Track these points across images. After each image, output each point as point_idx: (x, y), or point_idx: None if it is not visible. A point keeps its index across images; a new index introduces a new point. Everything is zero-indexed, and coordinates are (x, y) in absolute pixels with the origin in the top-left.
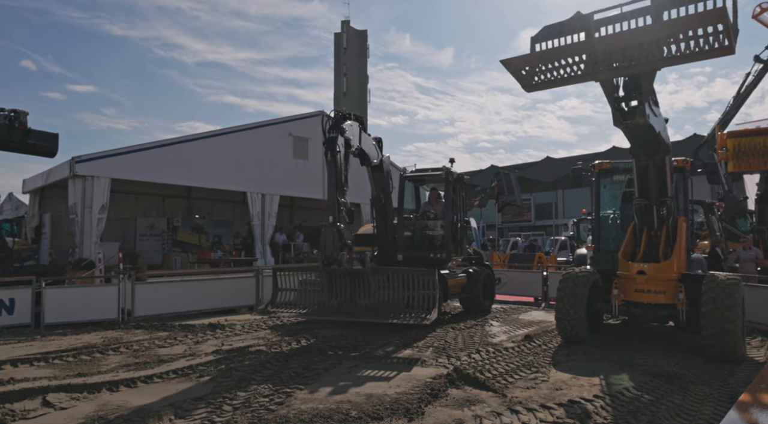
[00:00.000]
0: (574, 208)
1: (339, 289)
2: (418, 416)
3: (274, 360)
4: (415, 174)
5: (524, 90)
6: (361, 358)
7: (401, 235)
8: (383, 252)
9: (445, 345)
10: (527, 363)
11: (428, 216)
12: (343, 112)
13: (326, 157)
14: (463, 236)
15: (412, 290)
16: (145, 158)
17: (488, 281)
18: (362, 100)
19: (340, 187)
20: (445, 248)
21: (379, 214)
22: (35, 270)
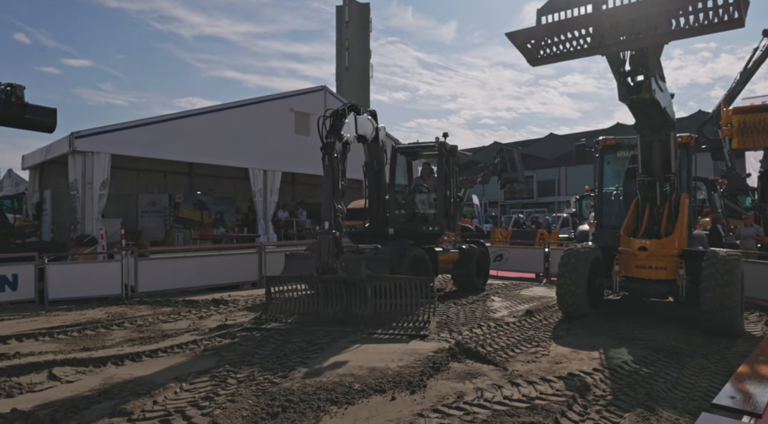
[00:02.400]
0: (576, 185)
1: (334, 298)
2: (421, 389)
3: (278, 335)
4: (407, 146)
5: (529, 64)
6: (364, 332)
7: (392, 209)
8: (374, 226)
9: (447, 320)
10: (528, 338)
11: (421, 190)
12: (338, 110)
13: (323, 161)
14: (456, 211)
15: (409, 298)
16: (145, 134)
17: (482, 260)
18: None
19: (337, 192)
20: (436, 223)
21: (371, 182)
22: (37, 246)
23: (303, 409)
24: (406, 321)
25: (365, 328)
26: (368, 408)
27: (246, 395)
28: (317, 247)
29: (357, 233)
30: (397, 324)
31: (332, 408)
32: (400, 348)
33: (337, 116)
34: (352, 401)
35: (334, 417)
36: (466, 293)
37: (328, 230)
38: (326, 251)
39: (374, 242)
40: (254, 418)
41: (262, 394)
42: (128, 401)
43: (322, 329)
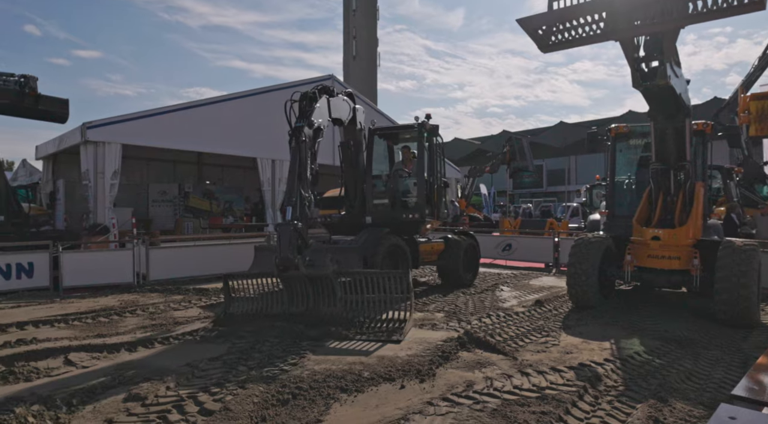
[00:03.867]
0: (586, 174)
1: (300, 296)
2: (430, 378)
3: (287, 322)
4: (384, 128)
5: (540, 50)
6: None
7: (370, 196)
8: (351, 215)
9: (455, 309)
10: (538, 327)
11: (401, 176)
12: (308, 93)
13: (290, 144)
14: (440, 197)
15: (384, 294)
16: (155, 124)
17: (471, 252)
18: (372, 64)
19: (304, 179)
20: (417, 210)
21: (347, 166)
22: (51, 235)
23: (313, 396)
24: (379, 322)
25: (335, 329)
26: (378, 396)
27: (256, 382)
28: (277, 239)
29: (333, 223)
30: (368, 326)
31: (342, 396)
32: (410, 336)
33: (306, 100)
34: (361, 389)
35: (344, 404)
36: (452, 287)
37: (289, 220)
38: (286, 245)
39: (352, 232)
40: (265, 404)
41: (273, 381)
42: (142, 387)
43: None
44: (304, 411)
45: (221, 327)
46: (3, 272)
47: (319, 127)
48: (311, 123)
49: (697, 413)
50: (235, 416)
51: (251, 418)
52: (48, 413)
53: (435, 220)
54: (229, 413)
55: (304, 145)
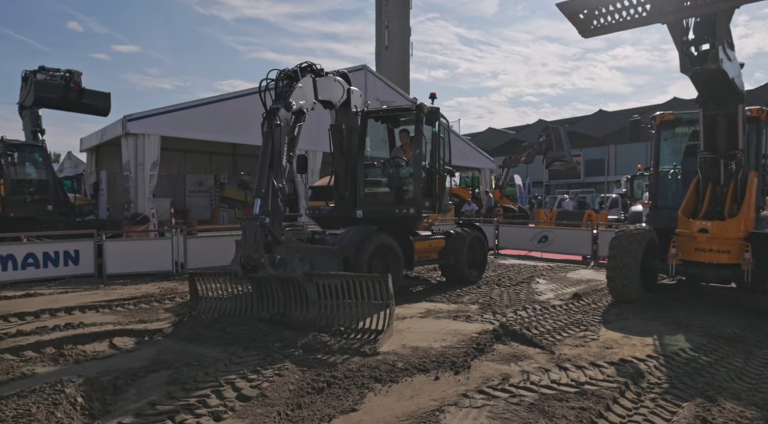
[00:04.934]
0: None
1: (270, 298)
2: (465, 370)
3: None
4: (378, 110)
5: (581, 35)
6: (406, 311)
7: (361, 186)
8: (341, 207)
9: (490, 301)
10: (576, 321)
11: (398, 164)
12: (288, 72)
13: (262, 128)
14: (442, 187)
15: (361, 300)
16: (191, 116)
17: (477, 246)
18: (404, 53)
19: (278, 168)
20: (413, 203)
21: (338, 152)
22: (95, 224)
23: (347, 385)
24: (353, 332)
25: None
26: (412, 387)
27: (292, 370)
28: (242, 235)
29: (321, 216)
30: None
31: (376, 385)
32: (444, 328)
33: (285, 79)
34: (395, 379)
35: (378, 394)
36: (456, 285)
37: (257, 214)
38: (251, 242)
39: (342, 226)
40: (300, 392)
41: (308, 369)
42: (181, 371)
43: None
44: (339, 400)
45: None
46: (51, 259)
47: (301, 109)
48: (289, 105)
49: (750, 414)
50: (271, 403)
51: (287, 405)
52: (95, 394)
53: (436, 213)
54: (266, 400)
55: (279, 129)
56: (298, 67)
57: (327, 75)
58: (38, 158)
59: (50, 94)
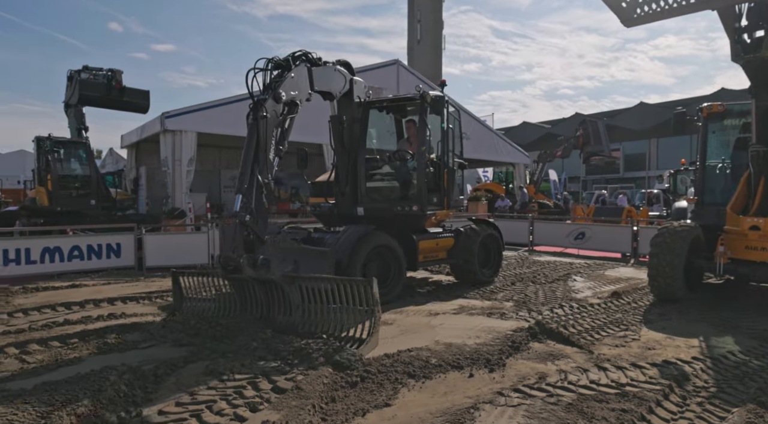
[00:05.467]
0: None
1: (252, 301)
2: (500, 368)
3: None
4: (380, 100)
5: (623, 25)
6: (439, 308)
7: (362, 181)
8: (342, 204)
9: (525, 299)
10: (615, 320)
11: (403, 157)
12: (278, 60)
13: (246, 119)
14: (451, 182)
15: (345, 305)
16: (226, 113)
17: (491, 244)
18: (437, 48)
19: (264, 162)
20: (417, 200)
21: (337, 142)
22: (135, 218)
23: (381, 380)
24: (336, 340)
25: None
26: (446, 383)
27: (325, 363)
28: (221, 234)
29: (321, 213)
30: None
31: (409, 381)
32: (477, 325)
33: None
34: (429, 376)
35: (412, 390)
36: (468, 287)
37: (237, 211)
38: (229, 241)
39: (342, 224)
40: (334, 386)
41: (341, 364)
42: (218, 362)
43: (397, 301)
44: (373, 394)
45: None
46: (95, 251)
47: (294, 101)
48: (278, 95)
49: None
50: (306, 395)
51: (321, 398)
52: (137, 382)
53: (445, 209)
54: (301, 392)
55: (265, 121)
56: (290, 55)
57: (325, 64)
58: (82, 155)
59: (93, 92)
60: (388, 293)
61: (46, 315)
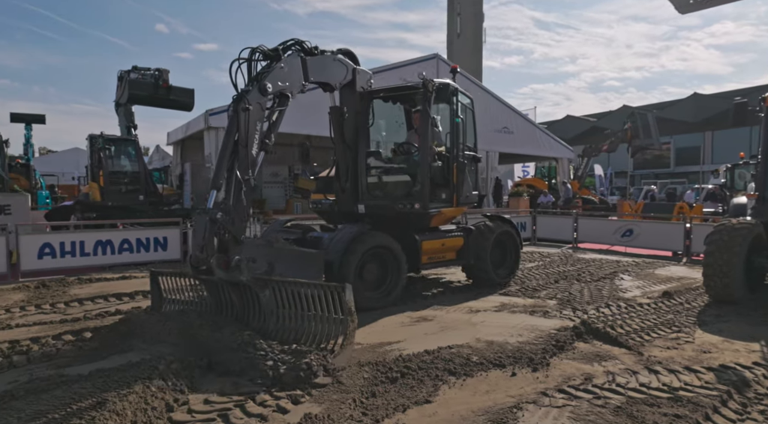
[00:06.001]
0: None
1: (226, 303)
2: (543, 367)
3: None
4: (382, 89)
5: (678, 11)
6: (479, 305)
7: (363, 177)
8: (342, 201)
9: (569, 297)
10: (667, 321)
11: (407, 150)
12: (266, 50)
13: (227, 111)
14: (461, 177)
15: (318, 312)
16: None
17: (508, 243)
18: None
19: (245, 157)
20: (419, 197)
21: (337, 134)
22: (181, 213)
23: (421, 376)
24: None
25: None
26: (487, 382)
27: (364, 360)
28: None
29: (323, 210)
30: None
31: (450, 378)
32: (519, 323)
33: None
34: (470, 373)
35: (453, 387)
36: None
37: (209, 208)
38: (198, 239)
39: (347, 222)
40: (374, 381)
41: (382, 359)
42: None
43: (444, 297)
44: (413, 390)
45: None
46: (143, 244)
47: (283, 93)
48: (263, 87)
49: None
50: (346, 390)
51: (362, 392)
52: (184, 372)
53: (454, 206)
54: (341, 386)
55: (247, 115)
56: (281, 45)
57: (323, 53)
58: (131, 152)
59: (142, 91)
60: (385, 298)
61: (99, 305)
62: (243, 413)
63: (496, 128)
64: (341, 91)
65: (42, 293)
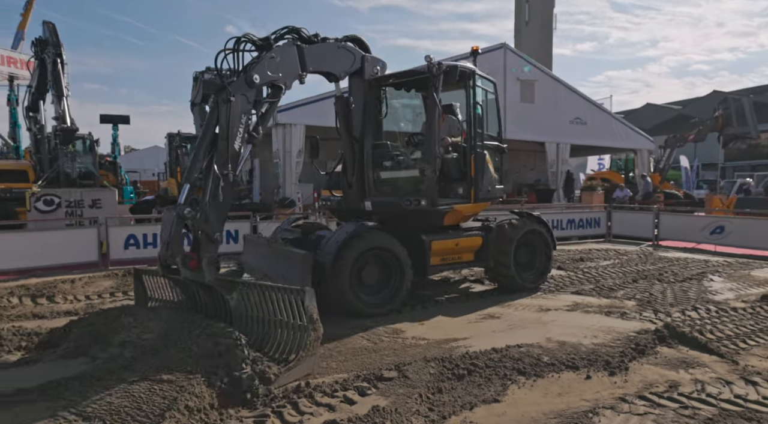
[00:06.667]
0: None
1: (200, 305)
2: (621, 371)
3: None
4: (390, 75)
5: None
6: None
7: (369, 171)
8: (348, 197)
9: (650, 298)
10: (766, 328)
11: (419, 141)
12: (255, 39)
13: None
14: (480, 170)
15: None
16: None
17: (536, 243)
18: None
19: (222, 151)
20: (426, 193)
21: (342, 126)
22: (250, 207)
23: (489, 375)
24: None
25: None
26: (560, 384)
27: (430, 356)
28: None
29: (332, 208)
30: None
31: (519, 378)
32: (594, 324)
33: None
34: (541, 374)
35: (522, 388)
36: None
37: (180, 203)
38: (165, 235)
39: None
40: (440, 377)
41: (448, 355)
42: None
43: (505, 295)
44: (480, 388)
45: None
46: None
47: (276, 84)
48: (250, 79)
49: None
50: (412, 384)
51: (428, 388)
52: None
53: (472, 203)
54: (407, 381)
55: (228, 106)
56: (274, 34)
57: (324, 41)
58: None
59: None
60: (385, 304)
61: None
62: (311, 402)
63: (567, 119)
64: (350, 81)
65: (128, 281)
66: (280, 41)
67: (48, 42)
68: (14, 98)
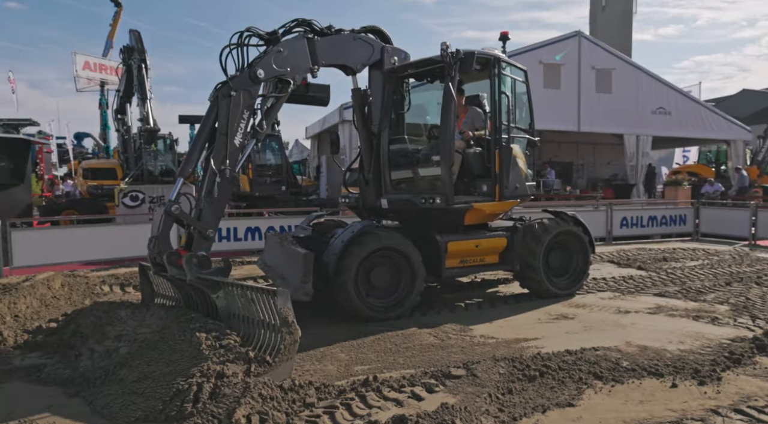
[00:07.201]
0: None
1: (192, 303)
2: (713, 381)
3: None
4: (405, 65)
5: None
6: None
7: (386, 167)
8: (365, 195)
9: (746, 303)
10: None
11: (437, 136)
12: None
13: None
14: (506, 166)
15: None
16: None
17: (571, 245)
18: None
19: (219, 147)
20: (442, 190)
21: (359, 119)
22: (317, 203)
23: (562, 377)
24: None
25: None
26: (641, 391)
27: (500, 355)
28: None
29: (352, 205)
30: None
31: (596, 382)
32: (680, 329)
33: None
34: (620, 379)
35: (599, 393)
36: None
37: (171, 199)
38: (153, 231)
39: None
40: (510, 377)
41: (518, 356)
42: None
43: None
44: (553, 391)
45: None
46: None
47: (284, 79)
48: (254, 74)
49: None
50: (481, 383)
51: (497, 388)
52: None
53: (496, 201)
54: (476, 380)
55: (228, 101)
56: (282, 27)
57: (339, 32)
58: (275, 146)
59: None
60: (394, 307)
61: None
62: (379, 396)
63: (649, 109)
64: (369, 73)
65: None
66: (289, 35)
67: (134, 49)
68: (104, 102)
